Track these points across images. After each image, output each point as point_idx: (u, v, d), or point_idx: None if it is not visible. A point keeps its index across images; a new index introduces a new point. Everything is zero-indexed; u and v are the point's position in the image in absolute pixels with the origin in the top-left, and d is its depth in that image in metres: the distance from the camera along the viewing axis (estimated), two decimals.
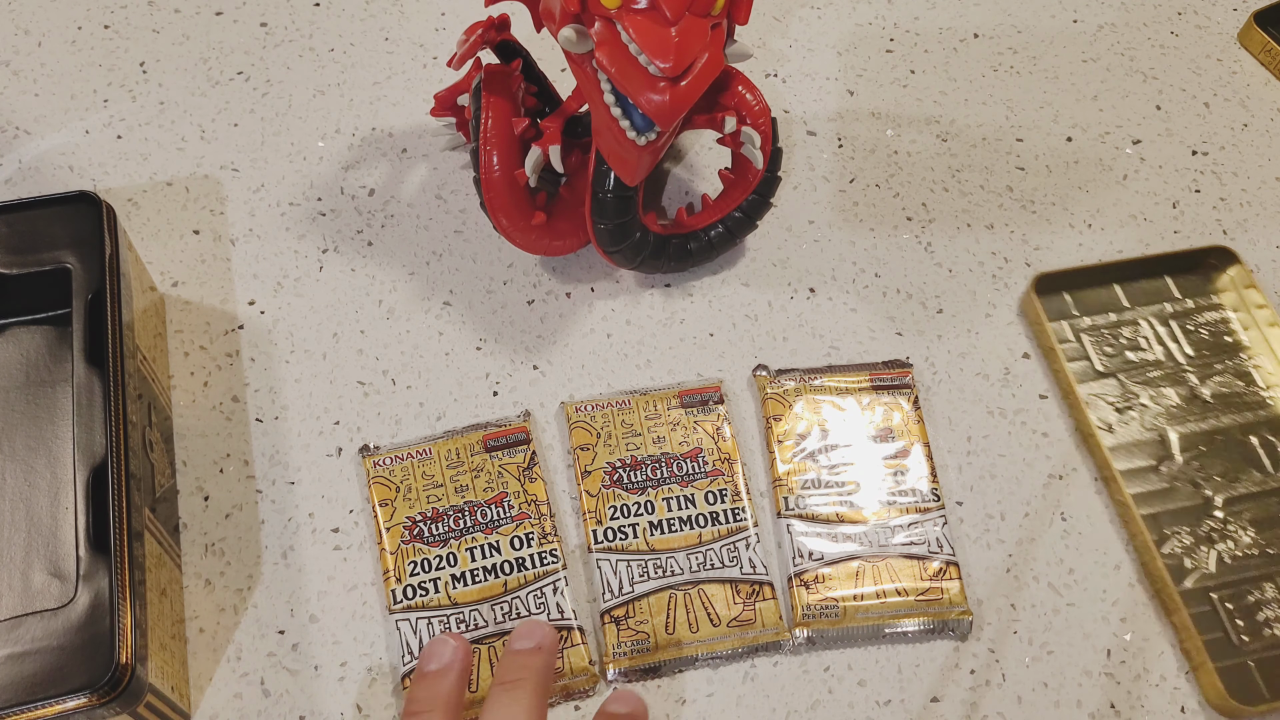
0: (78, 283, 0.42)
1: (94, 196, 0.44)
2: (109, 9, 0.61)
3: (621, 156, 0.44)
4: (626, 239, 0.48)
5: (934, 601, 0.45)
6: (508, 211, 0.48)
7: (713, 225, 0.51)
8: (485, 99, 0.47)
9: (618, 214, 0.47)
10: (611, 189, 0.46)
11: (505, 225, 0.48)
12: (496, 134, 0.47)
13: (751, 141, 0.47)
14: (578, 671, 0.42)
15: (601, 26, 0.40)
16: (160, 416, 0.45)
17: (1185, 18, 0.66)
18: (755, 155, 0.48)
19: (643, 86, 0.40)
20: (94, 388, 0.39)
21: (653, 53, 0.39)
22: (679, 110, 0.40)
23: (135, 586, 0.36)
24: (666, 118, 0.40)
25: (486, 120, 0.46)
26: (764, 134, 0.48)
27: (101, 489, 0.37)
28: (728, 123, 0.47)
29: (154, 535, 0.40)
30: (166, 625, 0.40)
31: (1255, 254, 0.56)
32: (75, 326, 0.40)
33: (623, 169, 0.45)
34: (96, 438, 0.38)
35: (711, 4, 0.40)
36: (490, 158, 0.47)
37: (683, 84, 0.40)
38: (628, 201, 0.47)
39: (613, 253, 0.49)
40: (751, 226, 0.52)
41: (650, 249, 0.49)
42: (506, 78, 0.48)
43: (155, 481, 0.43)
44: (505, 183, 0.47)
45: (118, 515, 0.37)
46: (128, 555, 0.36)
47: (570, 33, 0.41)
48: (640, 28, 0.39)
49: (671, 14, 0.39)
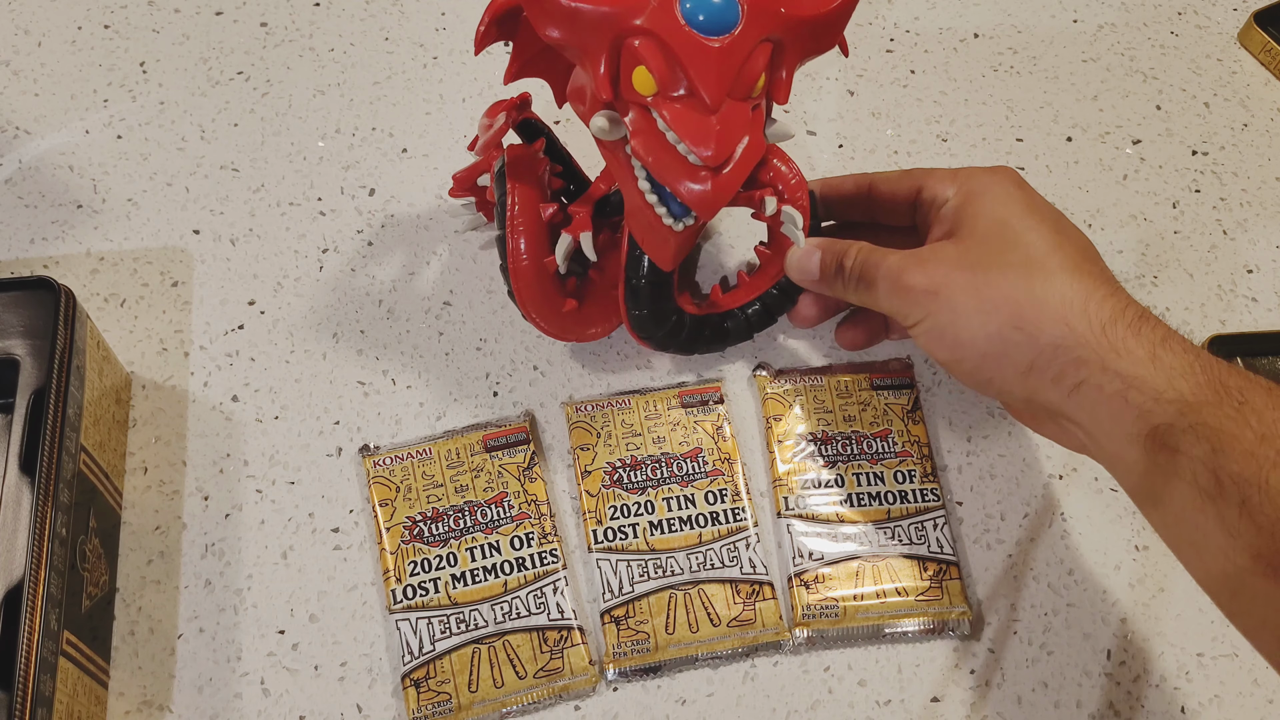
0: (24, 377, 0.40)
1: (52, 283, 0.42)
2: (109, 9, 0.61)
3: (656, 242, 0.42)
4: (663, 325, 0.46)
5: (934, 601, 0.45)
6: (537, 302, 0.46)
7: (750, 304, 0.48)
8: (510, 185, 0.44)
9: (653, 300, 0.45)
10: (646, 274, 0.44)
11: (535, 316, 0.46)
12: (525, 221, 0.44)
13: (793, 222, 0.45)
14: (578, 671, 0.42)
15: (636, 114, 0.39)
16: (104, 519, 0.43)
17: (1185, 18, 0.66)
18: (798, 236, 0.45)
19: (682, 175, 0.38)
20: (22, 500, 0.37)
21: (693, 141, 0.37)
22: (722, 200, 0.38)
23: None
24: (709, 208, 0.39)
25: (513, 207, 0.44)
26: (803, 209, 0.46)
27: (13, 616, 0.35)
28: (768, 204, 0.45)
29: (73, 659, 0.38)
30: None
31: (1255, 254, 0.56)
32: (14, 428, 0.38)
33: (658, 254, 0.43)
34: (16, 557, 0.36)
35: (752, 86, 0.38)
36: (518, 245, 0.44)
37: (725, 172, 0.38)
38: (663, 287, 0.45)
39: (648, 339, 0.47)
40: (790, 304, 0.49)
41: (687, 332, 0.47)
42: (531, 160, 0.45)
43: (85, 593, 0.40)
44: (534, 271, 0.45)
45: (26, 647, 0.35)
46: (31, 693, 0.34)
47: (602, 121, 0.39)
48: (679, 116, 0.37)
49: (712, 101, 0.37)
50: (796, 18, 0.38)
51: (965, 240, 0.41)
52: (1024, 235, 0.40)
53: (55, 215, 0.53)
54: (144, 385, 0.49)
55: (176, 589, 0.44)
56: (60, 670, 0.37)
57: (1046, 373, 0.38)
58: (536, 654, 0.42)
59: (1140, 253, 0.55)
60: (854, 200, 0.48)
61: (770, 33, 0.38)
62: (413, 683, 0.42)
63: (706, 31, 0.37)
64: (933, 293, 0.40)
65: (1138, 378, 0.35)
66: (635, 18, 0.37)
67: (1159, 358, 0.36)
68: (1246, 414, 0.34)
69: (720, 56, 0.37)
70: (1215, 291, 0.55)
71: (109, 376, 0.46)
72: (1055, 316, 0.37)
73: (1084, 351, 0.36)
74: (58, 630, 0.37)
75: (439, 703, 0.41)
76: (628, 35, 0.37)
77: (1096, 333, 0.37)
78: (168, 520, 0.45)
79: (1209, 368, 0.35)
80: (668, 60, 0.37)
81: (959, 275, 0.40)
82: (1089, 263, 0.39)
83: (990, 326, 0.39)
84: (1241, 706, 0.44)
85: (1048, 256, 0.39)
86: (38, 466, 0.38)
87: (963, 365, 0.40)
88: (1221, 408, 0.34)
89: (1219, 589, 0.35)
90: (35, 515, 0.37)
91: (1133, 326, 0.36)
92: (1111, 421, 0.36)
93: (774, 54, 0.39)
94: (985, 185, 0.42)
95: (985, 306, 0.39)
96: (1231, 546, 0.33)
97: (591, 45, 0.38)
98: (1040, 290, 0.38)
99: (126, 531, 0.45)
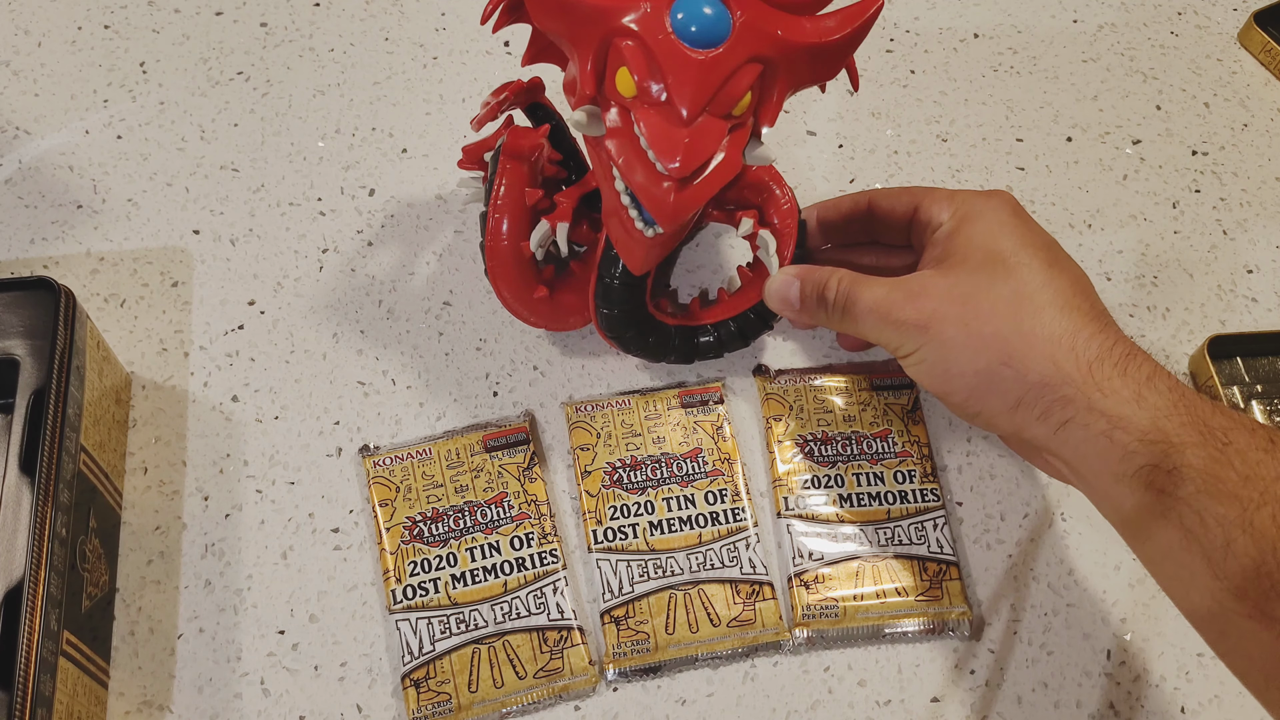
0: (24, 377, 0.40)
1: (52, 283, 0.42)
2: (109, 9, 0.61)
3: (629, 245, 0.42)
4: (631, 327, 0.46)
5: (934, 602, 0.45)
6: (509, 282, 0.46)
7: (724, 322, 0.48)
8: (502, 164, 0.44)
9: (622, 301, 0.45)
10: (619, 275, 0.44)
11: (506, 296, 0.46)
12: (508, 202, 0.44)
13: (767, 247, 0.45)
14: (578, 671, 0.42)
15: (617, 113, 0.38)
16: (104, 519, 0.43)
17: (1185, 18, 0.66)
18: (770, 262, 0.45)
19: (647, 183, 0.38)
20: (22, 500, 0.37)
21: (660, 151, 0.36)
22: (682, 214, 0.38)
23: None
24: (669, 219, 0.38)
25: (499, 187, 0.44)
26: (787, 235, 0.45)
27: (13, 616, 0.35)
28: (744, 224, 0.45)
29: (73, 659, 0.38)
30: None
31: (1255, 254, 0.56)
32: (14, 428, 0.38)
33: (629, 258, 0.43)
34: (16, 557, 0.36)
35: (733, 104, 0.37)
36: (499, 225, 0.45)
37: (691, 185, 0.37)
38: (634, 289, 0.45)
39: (614, 339, 0.47)
40: (765, 328, 0.48)
41: (655, 339, 0.47)
42: (529, 144, 0.45)
43: (85, 593, 0.40)
44: (511, 252, 0.45)
45: (26, 647, 0.35)
46: (31, 693, 0.34)
47: (582, 115, 0.39)
48: (652, 123, 0.37)
49: (688, 113, 0.36)
50: (792, 43, 0.38)
51: (957, 270, 0.41)
52: (1016, 268, 0.39)
53: (55, 215, 0.53)
54: (144, 385, 0.49)
55: (176, 589, 0.44)
56: (60, 670, 0.37)
57: (1034, 409, 0.38)
58: (536, 654, 0.42)
59: (1140, 253, 0.55)
60: (852, 218, 0.48)
61: (760, 53, 0.37)
62: (413, 683, 0.42)
63: (693, 43, 0.36)
64: (923, 327, 0.40)
65: (1122, 417, 0.36)
66: (625, 17, 0.37)
67: (1144, 397, 0.36)
68: (1230, 455, 0.34)
69: (700, 70, 0.36)
70: (1215, 291, 0.55)
71: (109, 376, 0.46)
72: (1043, 354, 0.37)
73: (1070, 390, 0.37)
74: (58, 630, 0.37)
75: (439, 703, 0.41)
76: (616, 35, 0.37)
77: (1083, 371, 0.37)
78: (168, 520, 0.45)
79: (1193, 408, 0.35)
80: (650, 66, 0.37)
81: (949, 309, 0.39)
82: (1079, 297, 0.39)
83: (979, 362, 0.39)
84: (1241, 707, 0.44)
85: (1038, 291, 0.39)
86: (38, 466, 0.38)
87: (952, 398, 0.41)
88: (1205, 448, 0.34)
89: (1206, 627, 0.35)
90: (35, 515, 0.37)
91: (1119, 365, 0.37)
92: (1098, 460, 0.37)
93: (764, 75, 0.38)
94: (980, 211, 0.42)
95: (975, 342, 0.39)
96: (1217, 587, 0.33)
97: (581, 39, 0.38)
98: (1029, 326, 0.38)
99: (126, 531, 0.45)
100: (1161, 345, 0.53)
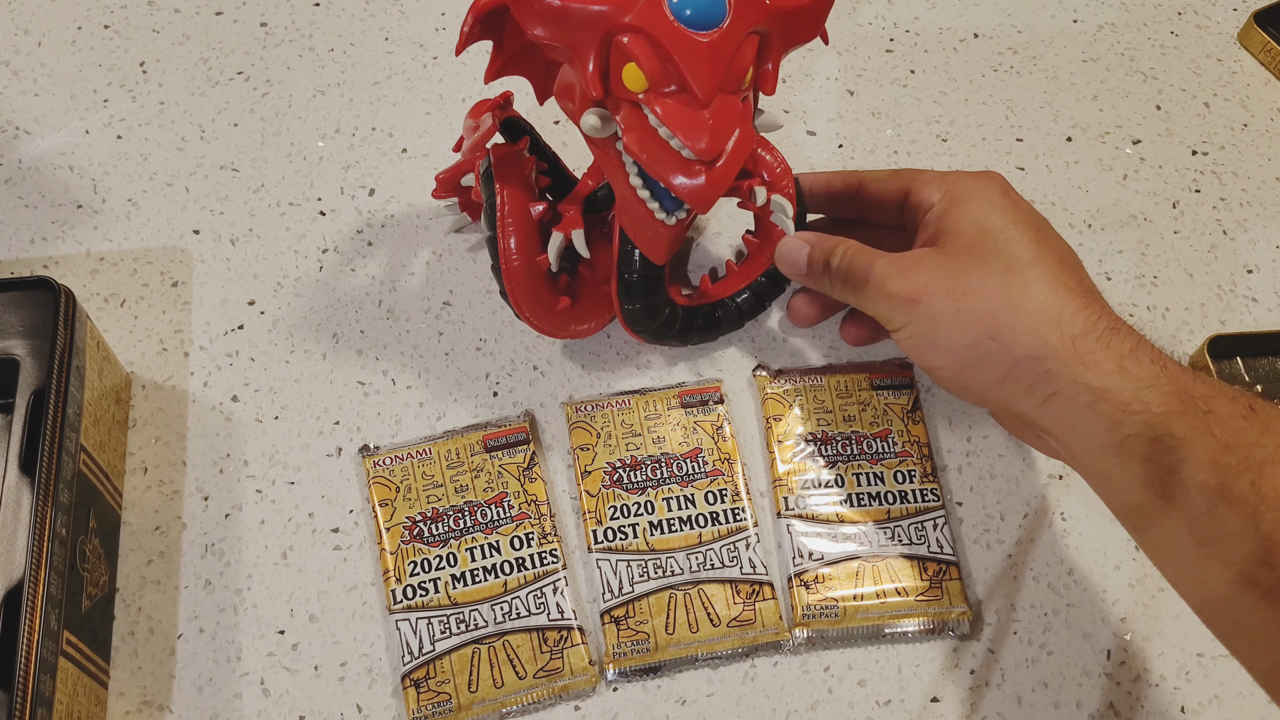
0: (24, 377, 0.40)
1: (52, 283, 0.41)
2: (109, 9, 0.61)
3: (649, 237, 0.43)
4: (656, 318, 0.46)
5: (934, 601, 0.45)
6: (530, 301, 0.45)
7: (740, 292, 0.49)
8: (498, 185, 0.44)
9: (646, 294, 0.45)
10: (638, 268, 0.44)
11: (529, 315, 0.46)
12: (514, 220, 0.44)
13: (783, 211, 0.46)
14: (578, 671, 0.42)
15: (626, 110, 0.39)
16: (104, 519, 0.43)
17: (1185, 18, 0.66)
18: (787, 225, 0.46)
19: (676, 170, 0.38)
20: (22, 500, 0.37)
21: (687, 136, 0.37)
22: (717, 193, 0.39)
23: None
24: (705, 202, 0.39)
25: (503, 207, 0.44)
26: (790, 198, 0.46)
27: (13, 616, 0.35)
28: (757, 194, 0.45)
29: (73, 659, 0.38)
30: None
31: (1255, 254, 0.56)
32: (14, 428, 0.38)
33: (651, 249, 0.43)
34: (16, 557, 0.36)
35: (741, 79, 0.38)
36: (509, 245, 0.44)
37: (719, 165, 0.38)
38: (655, 280, 0.45)
39: (641, 332, 0.47)
40: (780, 291, 0.50)
41: (680, 324, 0.47)
42: (517, 159, 0.45)
43: (85, 593, 0.40)
44: (526, 269, 0.45)
45: (26, 647, 0.35)
46: (31, 693, 0.34)
47: (594, 119, 0.39)
48: (671, 111, 0.37)
49: (704, 95, 0.37)
50: (781, 9, 0.39)
51: (948, 247, 0.41)
52: (1005, 244, 0.40)
53: (55, 215, 0.53)
54: (144, 385, 0.49)
55: (176, 589, 0.44)
56: (60, 670, 0.37)
57: (1020, 383, 0.38)
58: (536, 654, 0.42)
59: (1140, 253, 0.55)
60: (843, 197, 0.48)
61: (757, 25, 0.38)
62: (413, 683, 0.42)
63: (695, 26, 0.37)
64: (914, 300, 0.40)
65: (1106, 389, 0.36)
66: (625, 15, 0.37)
67: (1126, 369, 0.36)
68: (1211, 423, 0.34)
69: (711, 51, 0.37)
70: (1215, 291, 0.55)
71: (109, 376, 0.46)
72: (1029, 328, 0.38)
73: (1055, 364, 0.37)
74: (58, 630, 0.37)
75: (439, 703, 0.41)
76: (617, 32, 0.37)
77: (1067, 345, 0.37)
78: (168, 520, 0.45)
79: (1175, 378, 0.36)
80: (659, 56, 0.37)
81: (939, 283, 0.40)
82: (1067, 273, 0.39)
83: (968, 336, 0.39)
84: (1241, 707, 0.44)
85: (1027, 267, 0.39)
86: (38, 466, 0.38)
87: (942, 372, 0.41)
88: (1187, 417, 0.34)
89: (1191, 594, 0.36)
90: (35, 515, 0.37)
91: (1102, 339, 0.37)
92: (1083, 432, 0.37)
93: (761, 46, 0.39)
94: (971, 191, 0.42)
95: (963, 316, 0.39)
96: (1201, 554, 0.34)
97: (580, 43, 0.38)
98: (1016, 301, 0.38)
99: (126, 531, 0.45)
100: (1161, 345, 0.52)
